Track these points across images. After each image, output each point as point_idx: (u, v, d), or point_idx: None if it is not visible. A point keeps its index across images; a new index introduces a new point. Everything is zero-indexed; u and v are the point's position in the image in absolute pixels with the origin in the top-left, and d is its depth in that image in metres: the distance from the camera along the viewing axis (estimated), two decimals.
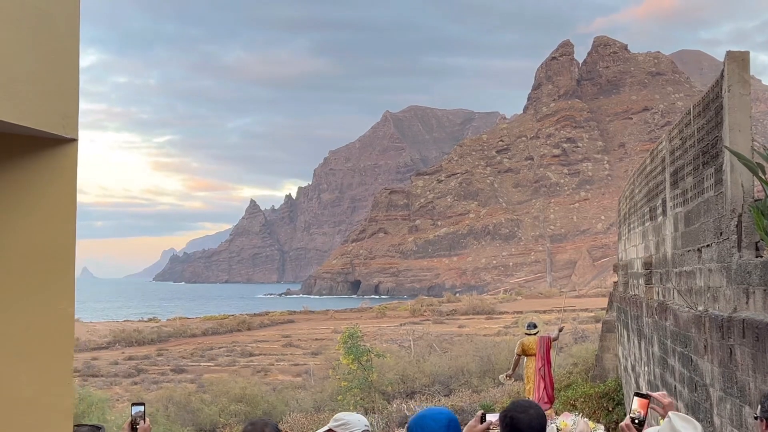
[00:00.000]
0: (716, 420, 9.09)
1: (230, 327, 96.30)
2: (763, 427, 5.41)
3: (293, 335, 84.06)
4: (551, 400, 17.30)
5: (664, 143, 13.17)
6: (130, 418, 5.16)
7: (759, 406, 5.53)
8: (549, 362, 17.50)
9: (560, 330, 19.48)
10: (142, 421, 5.14)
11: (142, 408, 5.21)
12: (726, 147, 8.14)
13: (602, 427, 12.79)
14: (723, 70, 8.34)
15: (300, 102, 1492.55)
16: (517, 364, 18.58)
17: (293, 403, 35.97)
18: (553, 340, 18.22)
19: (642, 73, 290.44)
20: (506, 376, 19.24)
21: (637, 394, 4.81)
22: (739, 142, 8.13)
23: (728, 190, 8.40)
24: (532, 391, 17.20)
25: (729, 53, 8.24)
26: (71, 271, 3.67)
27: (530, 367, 17.61)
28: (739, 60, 8.22)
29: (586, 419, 12.40)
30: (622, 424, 4.69)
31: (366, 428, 5.46)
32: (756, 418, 5.55)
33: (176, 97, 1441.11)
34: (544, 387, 16.96)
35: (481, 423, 4.51)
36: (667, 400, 4.76)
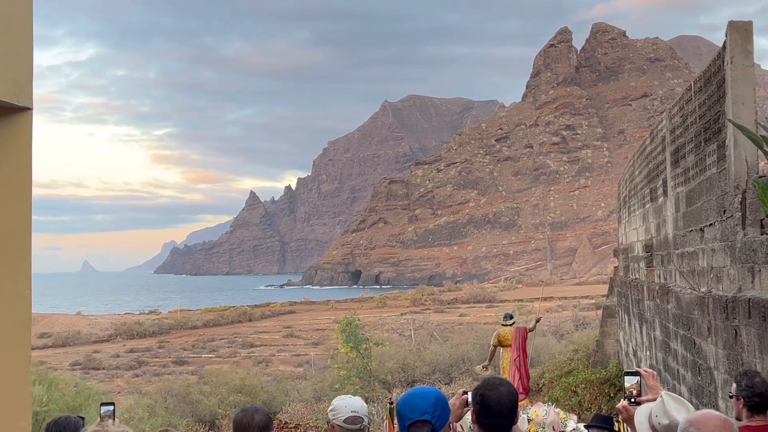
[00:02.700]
0: (721, 404, 8.85)
1: (231, 318, 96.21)
2: (741, 406, 5.25)
3: (294, 326, 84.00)
4: (526, 391, 17.31)
5: (664, 122, 12.88)
6: (98, 419, 4.99)
7: (735, 385, 5.37)
8: (525, 353, 17.44)
9: (537, 321, 19.38)
10: (111, 421, 4.96)
11: (111, 408, 5.04)
12: (729, 120, 7.86)
13: (575, 417, 12.64)
14: (725, 41, 8.04)
15: (299, 93, 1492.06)
16: (493, 354, 18.55)
17: (294, 394, 35.78)
18: (530, 331, 18.09)
19: (641, 59, 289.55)
20: (483, 367, 19.09)
21: (627, 373, 4.82)
22: (743, 116, 7.84)
23: (731, 165, 8.12)
24: None
25: (731, 23, 7.93)
26: (28, 251, 3.39)
27: (506, 357, 17.58)
28: (741, 30, 7.92)
29: (557, 409, 12.24)
30: (618, 405, 4.72)
31: (354, 413, 5.25)
32: (731, 396, 5.39)
33: (175, 89, 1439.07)
34: (520, 377, 16.94)
35: (466, 405, 4.45)
36: (651, 382, 4.74)
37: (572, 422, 12.66)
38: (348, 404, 5.30)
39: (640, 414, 4.21)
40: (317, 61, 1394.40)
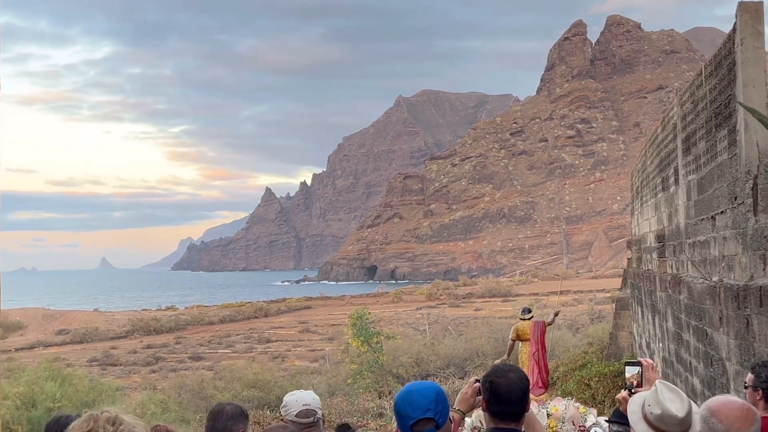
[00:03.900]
0: (733, 395, 8.65)
1: (247, 314, 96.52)
2: (758, 397, 5.06)
3: (310, 321, 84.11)
4: (546, 385, 17.09)
5: (675, 109, 12.65)
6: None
7: (751, 376, 5.18)
8: (544, 347, 17.23)
9: (556, 314, 19.12)
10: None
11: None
12: (739, 103, 7.65)
13: (594, 411, 12.49)
14: (735, 23, 7.84)
15: (313, 89, 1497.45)
16: (511, 349, 18.35)
17: (308, 388, 35.68)
18: (548, 325, 17.86)
19: (656, 51, 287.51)
20: (501, 362, 18.85)
21: (628, 363, 4.72)
22: (754, 99, 7.63)
23: (742, 150, 7.91)
24: None
25: (741, 4, 7.72)
26: None
27: (524, 352, 17.38)
28: (752, 11, 7.71)
29: (577, 404, 12.09)
30: (618, 396, 4.59)
31: (305, 407, 5.17)
32: (746, 387, 5.20)
33: (190, 86, 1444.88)
34: (539, 371, 16.73)
35: (478, 394, 4.31)
36: (650, 374, 4.62)
37: (592, 417, 12.51)
38: (299, 398, 5.22)
39: (634, 403, 4.02)
40: (331, 57, 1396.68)
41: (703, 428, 3.52)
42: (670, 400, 3.81)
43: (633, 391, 4.45)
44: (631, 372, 4.66)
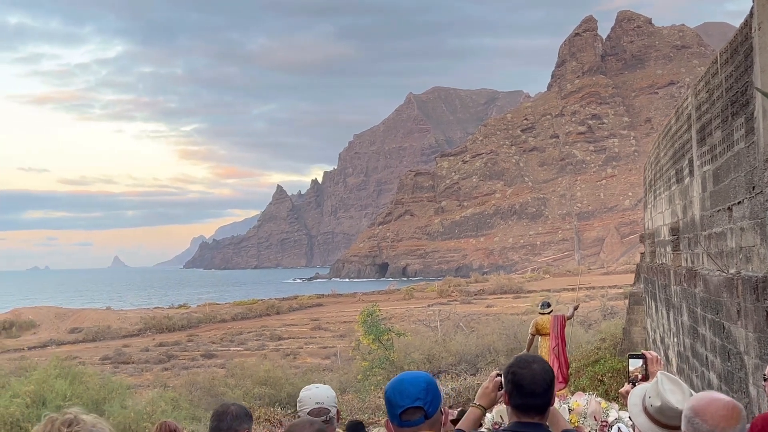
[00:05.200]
0: (752, 390, 8.45)
1: (259, 312, 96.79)
2: None
3: (322, 318, 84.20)
4: (566, 380, 16.92)
5: (689, 99, 12.42)
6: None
7: None
8: (563, 341, 17.04)
9: (575, 308, 18.91)
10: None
11: None
12: (757, 89, 7.43)
13: (616, 406, 12.29)
14: (752, 7, 7.63)
15: (324, 87, 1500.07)
16: (531, 343, 18.18)
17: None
18: (568, 319, 17.66)
19: (667, 46, 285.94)
20: (524, 354, 18.64)
21: (632, 356, 4.58)
22: None
23: (760, 138, 7.70)
24: None
25: None
26: None
27: (544, 346, 17.23)
28: None
29: (598, 399, 11.89)
30: (621, 390, 4.47)
31: (318, 405, 5.06)
32: (766, 379, 5.03)
33: (201, 85, 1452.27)
34: (559, 366, 16.57)
35: (499, 389, 4.19)
36: (653, 367, 4.49)
37: (614, 411, 12.29)
38: (313, 396, 5.12)
39: (635, 396, 3.85)
40: (342, 55, 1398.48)
41: (687, 429, 3.32)
42: (671, 391, 3.63)
43: (636, 384, 4.31)
44: (634, 365, 4.54)
